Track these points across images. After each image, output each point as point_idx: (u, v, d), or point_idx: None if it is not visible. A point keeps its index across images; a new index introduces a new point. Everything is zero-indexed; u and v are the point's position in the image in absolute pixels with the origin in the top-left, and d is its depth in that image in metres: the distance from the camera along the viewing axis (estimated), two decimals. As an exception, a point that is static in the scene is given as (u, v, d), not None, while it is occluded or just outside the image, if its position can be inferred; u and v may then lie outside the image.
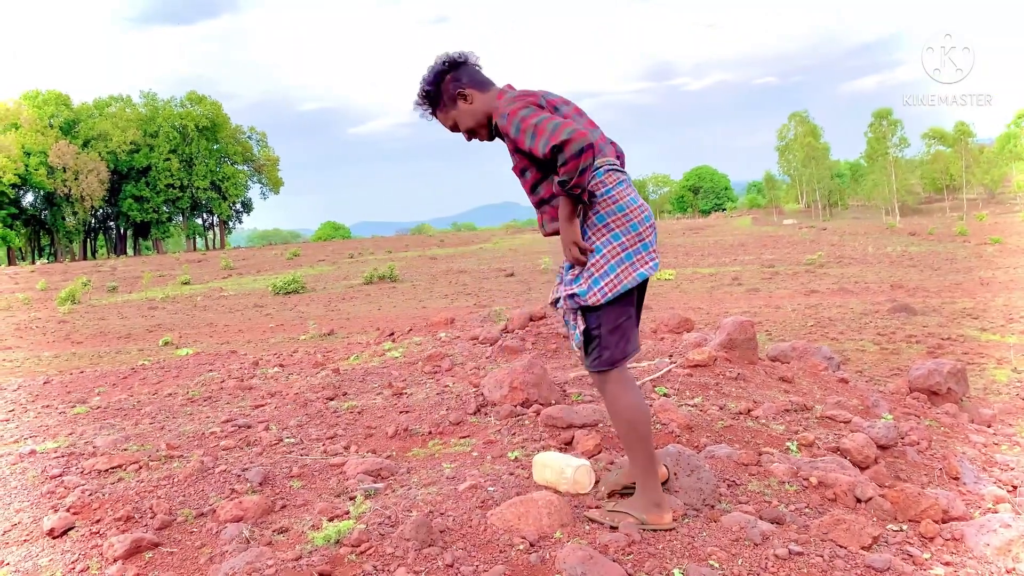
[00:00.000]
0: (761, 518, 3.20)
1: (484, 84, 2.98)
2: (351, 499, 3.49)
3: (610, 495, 3.25)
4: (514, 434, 4.35)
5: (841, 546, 3.05)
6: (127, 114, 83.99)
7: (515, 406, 4.96)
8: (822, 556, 2.93)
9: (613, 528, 2.98)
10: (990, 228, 42.52)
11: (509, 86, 3.00)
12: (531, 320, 7.30)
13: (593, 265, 2.82)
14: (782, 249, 34.92)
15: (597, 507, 3.20)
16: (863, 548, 3.08)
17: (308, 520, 3.24)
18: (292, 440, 4.65)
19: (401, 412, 5.10)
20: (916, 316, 12.01)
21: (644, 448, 2.94)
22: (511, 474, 3.62)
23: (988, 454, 5.01)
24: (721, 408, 4.72)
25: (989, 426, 6.05)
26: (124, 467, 4.08)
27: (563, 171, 2.61)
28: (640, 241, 2.86)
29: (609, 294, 2.80)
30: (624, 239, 2.83)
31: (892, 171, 79.49)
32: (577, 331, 2.91)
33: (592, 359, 2.93)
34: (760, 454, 3.98)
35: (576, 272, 2.87)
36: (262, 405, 5.81)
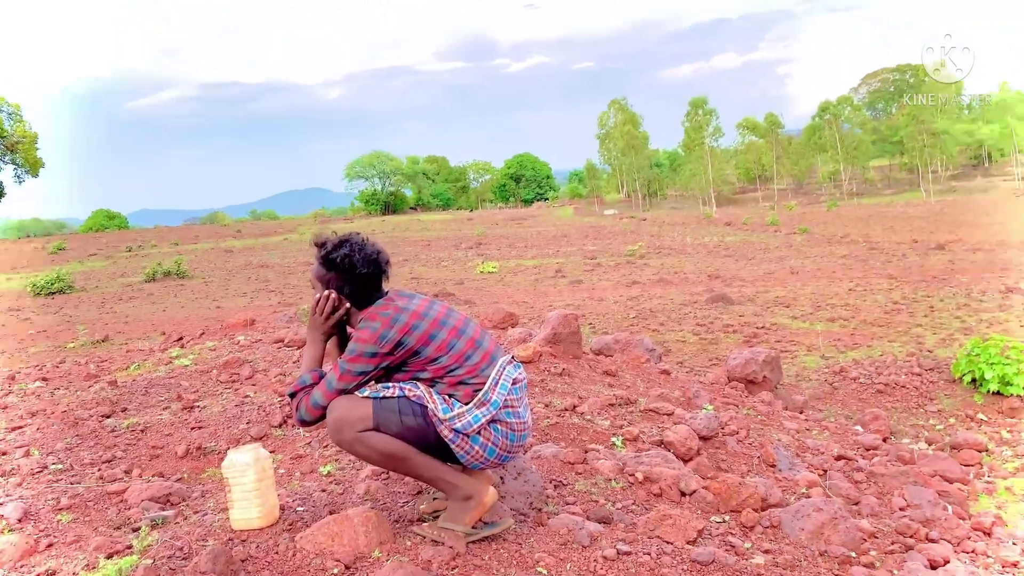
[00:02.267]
0: (589, 518, 3.33)
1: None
2: (135, 531, 3.26)
3: (432, 512, 3.26)
4: (326, 446, 4.25)
5: (668, 542, 3.24)
6: None
7: (326, 414, 4.85)
8: (650, 554, 3.09)
9: (436, 543, 2.98)
10: (799, 218, 46.86)
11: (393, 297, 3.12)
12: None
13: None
14: (604, 240, 36.60)
15: (421, 521, 3.19)
16: (688, 542, 3.29)
17: (82, 559, 2.99)
18: (60, 467, 4.29)
19: (193, 428, 4.85)
20: (733, 306, 13.00)
21: (416, 468, 2.97)
22: (323, 491, 3.54)
23: (801, 440, 5.53)
24: (547, 406, 4.86)
25: (801, 412, 6.68)
26: None
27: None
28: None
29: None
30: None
31: (708, 161, 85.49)
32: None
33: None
34: (586, 451, 4.15)
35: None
36: (20, 427, 5.31)
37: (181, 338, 8.84)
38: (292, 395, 3.05)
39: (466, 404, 2.91)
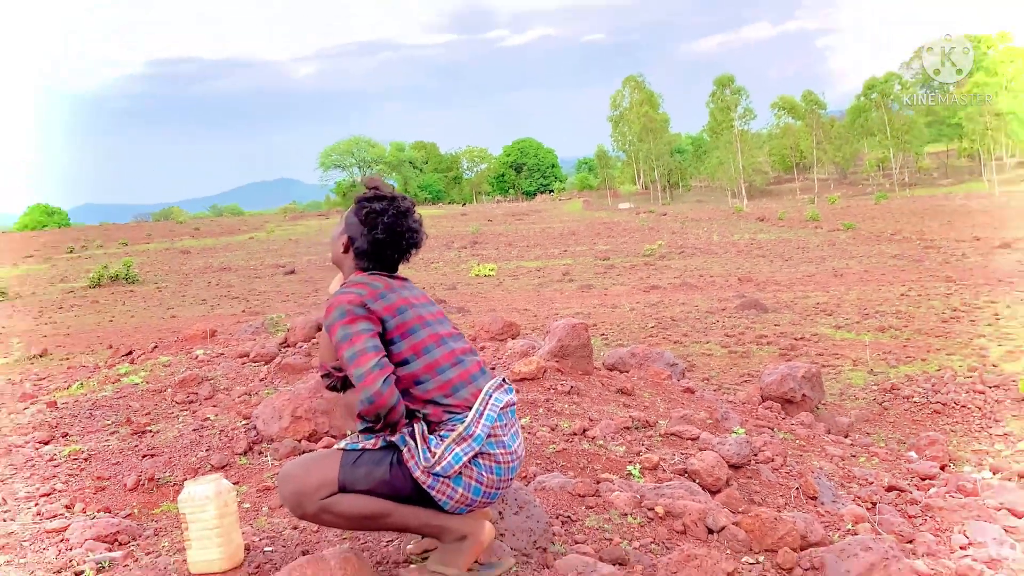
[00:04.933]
0: (601, 559, 3.32)
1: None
2: (78, 575, 3.26)
3: (421, 553, 3.26)
4: (298, 476, 4.24)
5: (692, 586, 3.23)
6: None
7: (299, 440, 4.85)
8: (672, 600, 3.08)
9: (425, 587, 2.98)
10: (842, 212, 46.98)
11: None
12: (318, 330, 7.17)
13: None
14: (618, 238, 36.64)
15: (409, 563, 3.19)
16: (716, 586, 3.28)
17: (15, 609, 2.99)
18: (-10, 501, 4.28)
19: (145, 456, 4.85)
20: (767, 313, 13.01)
21: (398, 522, 2.96)
22: (295, 528, 3.54)
23: (846, 468, 5.52)
24: (553, 429, 4.86)
25: (846, 436, 6.68)
26: None
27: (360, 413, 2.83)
28: None
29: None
30: None
31: (738, 146, 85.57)
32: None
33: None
34: (598, 482, 4.14)
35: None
36: (-55, 456, 5.31)
37: (131, 352, 8.83)
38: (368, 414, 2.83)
39: (439, 435, 2.89)
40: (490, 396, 2.97)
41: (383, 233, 3.06)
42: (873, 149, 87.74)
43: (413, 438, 2.86)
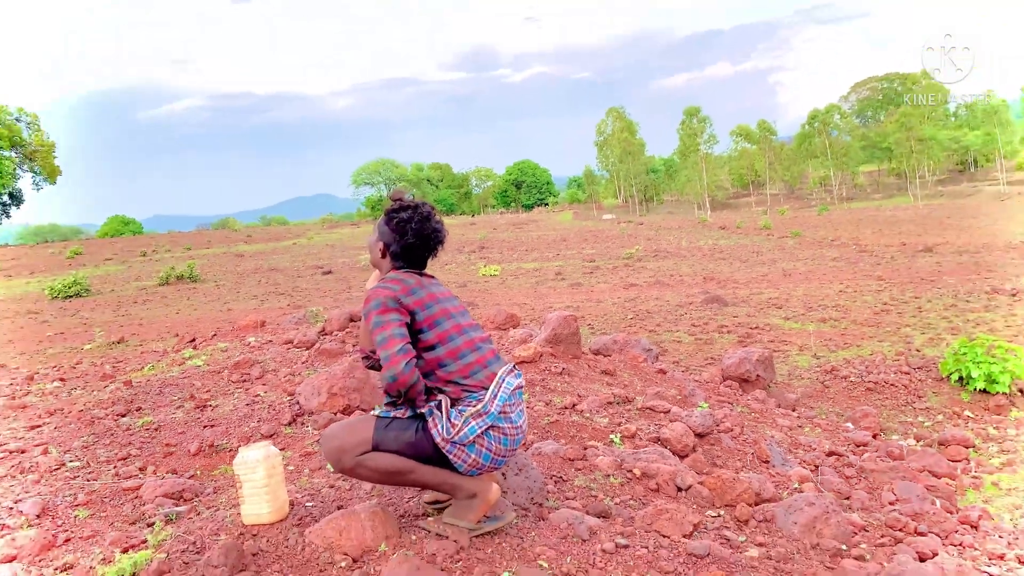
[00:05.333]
0: (588, 513, 3.33)
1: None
2: (149, 526, 3.27)
3: (434, 502, 3.26)
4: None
5: (664, 536, 3.24)
6: None
7: (335, 413, 4.86)
8: (647, 547, 3.09)
9: (440, 536, 2.98)
10: (790, 222, 46.84)
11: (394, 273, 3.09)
12: (351, 321, 7.16)
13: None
14: (602, 244, 36.59)
15: (427, 515, 3.20)
16: (685, 536, 3.28)
17: (98, 554, 2.99)
18: (77, 464, 4.29)
19: (205, 427, 4.85)
20: (727, 307, 12.99)
21: (419, 478, 2.96)
22: (331, 487, 3.54)
23: (793, 436, 5.52)
24: (547, 404, 4.86)
25: (793, 409, 6.67)
26: None
27: (383, 389, 2.89)
28: None
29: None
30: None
31: (703, 167, 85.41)
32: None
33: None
34: (585, 448, 4.14)
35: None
36: (39, 426, 5.31)
37: (194, 339, 8.83)
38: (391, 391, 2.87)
39: (459, 409, 2.90)
40: (503, 380, 2.99)
41: (413, 237, 3.08)
42: (816, 169, 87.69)
43: (439, 410, 2.89)
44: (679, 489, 3.84)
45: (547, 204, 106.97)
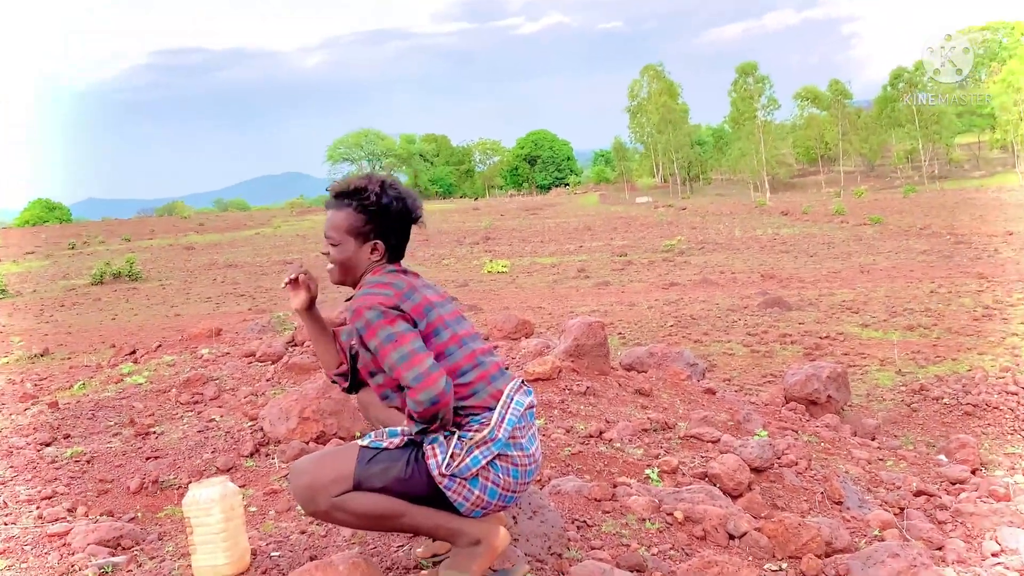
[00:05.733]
0: (618, 566, 3.32)
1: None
2: (79, 581, 3.28)
3: (431, 556, 3.26)
4: (305, 479, 4.25)
5: (713, 593, 3.23)
6: None
7: (307, 442, 4.87)
8: (691, 608, 3.08)
9: (438, 594, 2.98)
10: (869, 205, 46.76)
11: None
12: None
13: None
14: (635, 233, 36.58)
15: (419, 568, 3.20)
16: (738, 594, 3.27)
17: (16, 614, 3.01)
18: (-10, 504, 4.31)
19: (148, 458, 4.87)
20: (790, 311, 12.95)
21: (411, 523, 2.96)
22: (303, 532, 3.55)
23: (873, 471, 5.50)
24: (568, 431, 4.86)
25: (873, 438, 6.65)
26: None
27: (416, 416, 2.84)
28: None
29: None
30: None
31: (761, 138, 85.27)
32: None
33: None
34: (615, 486, 4.14)
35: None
36: (-56, 457, 5.34)
37: (134, 351, 8.86)
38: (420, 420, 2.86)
39: (459, 435, 2.89)
40: (511, 399, 2.98)
41: (418, 210, 3.13)
42: (901, 140, 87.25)
43: (442, 437, 2.88)
44: (731, 537, 3.83)
45: (567, 184, 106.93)
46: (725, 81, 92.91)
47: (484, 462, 2.86)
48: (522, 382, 3.10)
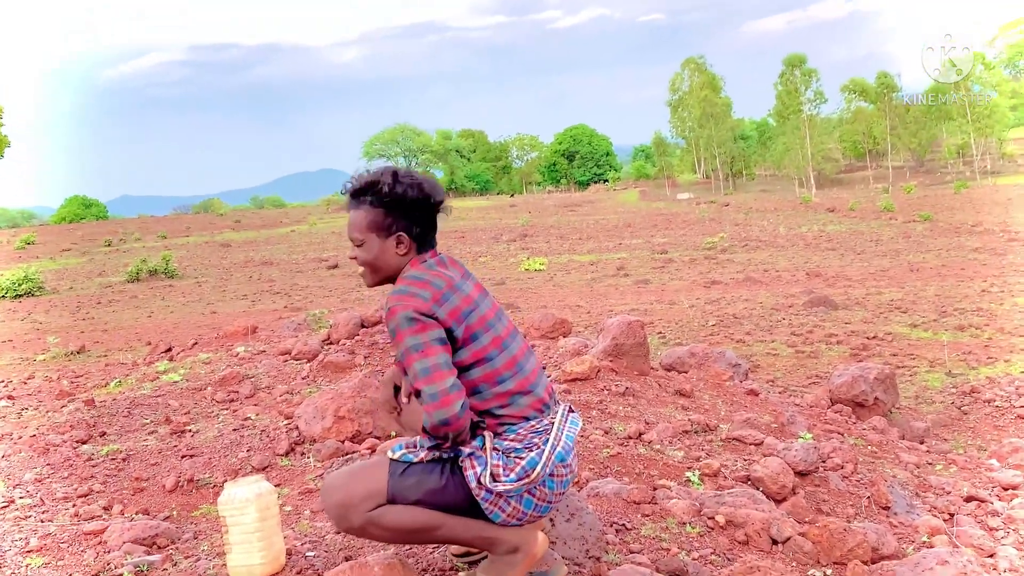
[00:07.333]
0: (658, 570, 3.31)
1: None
2: (115, 579, 3.33)
3: (465, 555, 3.26)
4: (341, 479, 4.28)
5: (755, 600, 3.21)
6: None
7: (342, 441, 4.90)
8: (733, 614, 3.06)
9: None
10: (919, 202, 46.16)
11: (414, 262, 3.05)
12: (362, 327, 7.22)
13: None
14: (676, 230, 36.41)
15: (456, 569, 3.21)
16: (781, 600, 3.25)
17: (53, 612, 3.06)
18: (28, 501, 4.38)
19: (184, 456, 4.92)
20: (836, 311, 12.84)
21: (448, 534, 2.96)
22: (338, 532, 3.57)
23: (921, 476, 5.43)
24: (606, 432, 4.85)
25: (922, 442, 6.57)
26: None
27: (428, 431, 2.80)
28: None
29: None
30: None
31: (807, 132, 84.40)
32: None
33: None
34: (655, 488, 4.13)
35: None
36: (-18, 454, 5.43)
37: (170, 349, 8.96)
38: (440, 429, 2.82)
39: (505, 453, 2.87)
40: (562, 432, 2.96)
41: (437, 193, 3.07)
42: (952, 134, 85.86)
43: (482, 450, 2.85)
44: (774, 542, 3.80)
45: (606, 180, 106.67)
46: (769, 74, 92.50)
47: (522, 484, 2.86)
48: (569, 408, 3.08)
